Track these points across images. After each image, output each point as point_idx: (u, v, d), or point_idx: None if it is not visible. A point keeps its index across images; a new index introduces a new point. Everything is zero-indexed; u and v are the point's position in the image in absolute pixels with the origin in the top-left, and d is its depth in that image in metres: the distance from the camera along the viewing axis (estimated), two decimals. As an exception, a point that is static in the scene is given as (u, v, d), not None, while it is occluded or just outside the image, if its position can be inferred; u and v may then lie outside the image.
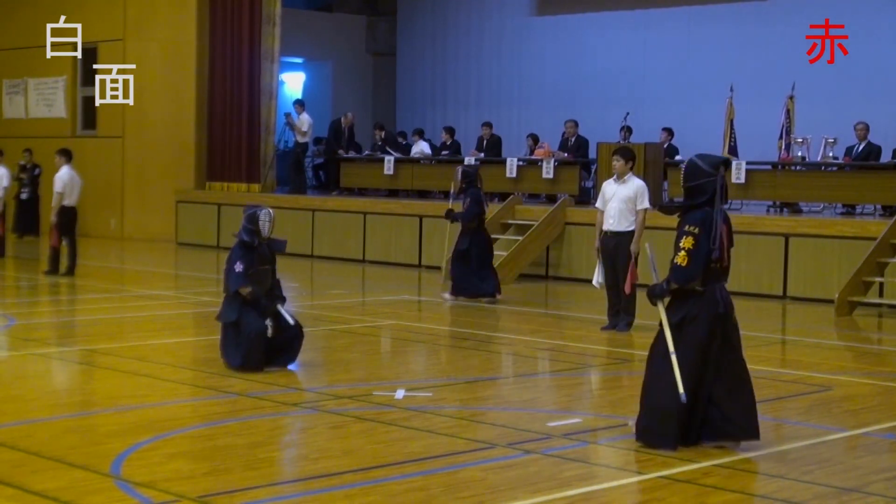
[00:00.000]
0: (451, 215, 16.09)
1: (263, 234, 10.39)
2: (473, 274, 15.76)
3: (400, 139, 24.76)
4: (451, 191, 16.62)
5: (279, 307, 10.34)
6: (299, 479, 7.08)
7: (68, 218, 17.62)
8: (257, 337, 10.09)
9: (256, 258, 10.31)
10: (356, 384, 9.93)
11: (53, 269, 17.62)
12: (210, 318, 14.07)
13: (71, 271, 17.50)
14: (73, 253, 17.66)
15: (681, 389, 7.43)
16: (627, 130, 20.84)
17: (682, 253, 7.58)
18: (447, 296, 15.90)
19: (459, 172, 16.27)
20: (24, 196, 24.12)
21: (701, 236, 7.51)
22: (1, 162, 20.34)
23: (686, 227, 7.60)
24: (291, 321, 10.32)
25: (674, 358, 7.50)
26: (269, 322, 10.21)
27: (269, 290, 10.42)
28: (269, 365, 10.23)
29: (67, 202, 17.52)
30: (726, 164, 7.79)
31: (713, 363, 7.62)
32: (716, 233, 7.50)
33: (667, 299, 7.78)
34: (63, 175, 17.67)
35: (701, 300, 7.64)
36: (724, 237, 7.56)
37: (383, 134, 24.21)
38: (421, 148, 23.44)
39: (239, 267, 10.16)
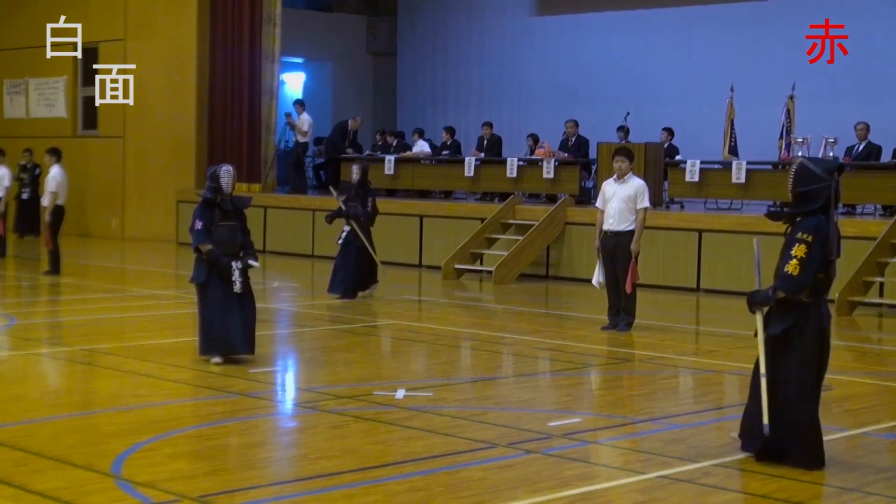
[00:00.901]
0: (348, 212, 15.43)
1: (225, 190, 10.59)
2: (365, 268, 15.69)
3: (398, 139, 24.77)
4: (336, 194, 16.01)
5: (249, 261, 10.61)
6: (299, 478, 7.08)
7: (60, 217, 17.75)
8: (210, 324, 10.55)
9: (219, 214, 10.58)
10: (356, 384, 9.93)
11: (54, 270, 17.64)
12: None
13: (57, 270, 17.63)
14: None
15: (765, 420, 7.13)
16: (625, 131, 20.87)
17: (794, 261, 7.17)
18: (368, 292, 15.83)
19: (360, 171, 15.71)
20: (24, 196, 24.12)
21: (814, 244, 7.15)
22: (2, 162, 20.35)
23: (799, 235, 7.17)
24: (239, 286, 10.49)
25: (763, 381, 7.19)
26: (237, 278, 10.50)
27: (241, 247, 10.66)
28: (229, 353, 10.54)
29: (59, 201, 17.64)
30: (840, 169, 7.32)
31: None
32: (832, 241, 7.16)
33: (766, 308, 7.44)
34: (57, 174, 17.79)
35: (807, 312, 7.35)
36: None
37: (395, 142, 24.18)
38: (421, 147, 23.44)
39: (198, 224, 10.55)
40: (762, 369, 7.23)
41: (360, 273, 15.67)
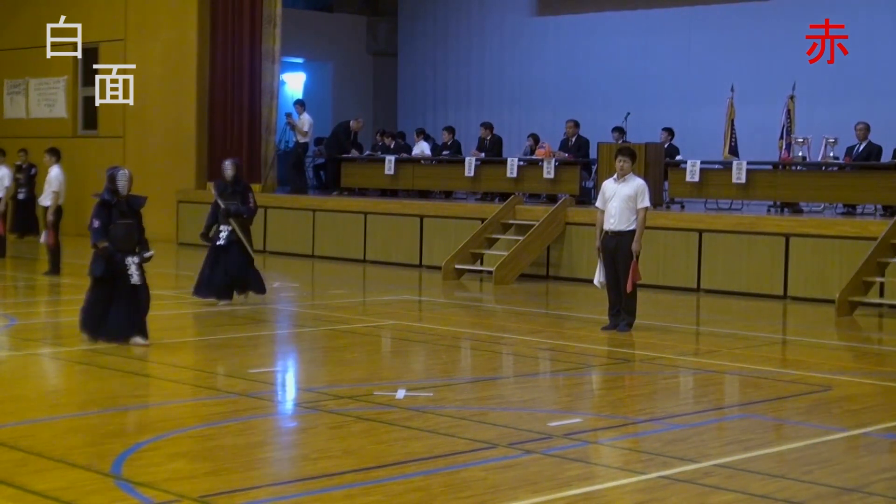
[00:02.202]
0: (229, 209, 14.53)
1: (121, 192, 11.39)
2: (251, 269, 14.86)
3: (399, 140, 24.77)
4: (216, 194, 14.94)
5: (145, 255, 11.48)
6: (300, 479, 7.08)
7: (59, 217, 17.86)
8: (92, 307, 11.36)
9: (116, 214, 11.34)
10: (357, 384, 9.93)
11: (54, 270, 17.66)
12: (210, 317, 14.10)
13: (57, 271, 17.73)
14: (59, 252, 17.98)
15: None
16: (620, 131, 20.88)
17: None
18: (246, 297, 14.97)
19: (233, 167, 14.81)
20: (21, 196, 24.10)
21: None
22: (2, 162, 20.35)
23: None
24: (136, 279, 11.27)
25: None
26: (133, 272, 11.27)
27: (137, 243, 11.50)
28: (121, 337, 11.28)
29: (59, 201, 17.76)
30: None
31: None
32: None
33: None
34: (58, 174, 17.93)
35: None
36: None
37: (393, 143, 24.19)
38: (422, 149, 23.46)
39: (96, 223, 11.26)
40: None
41: (242, 273, 14.67)
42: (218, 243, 14.57)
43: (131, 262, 11.27)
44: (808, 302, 16.15)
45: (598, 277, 13.03)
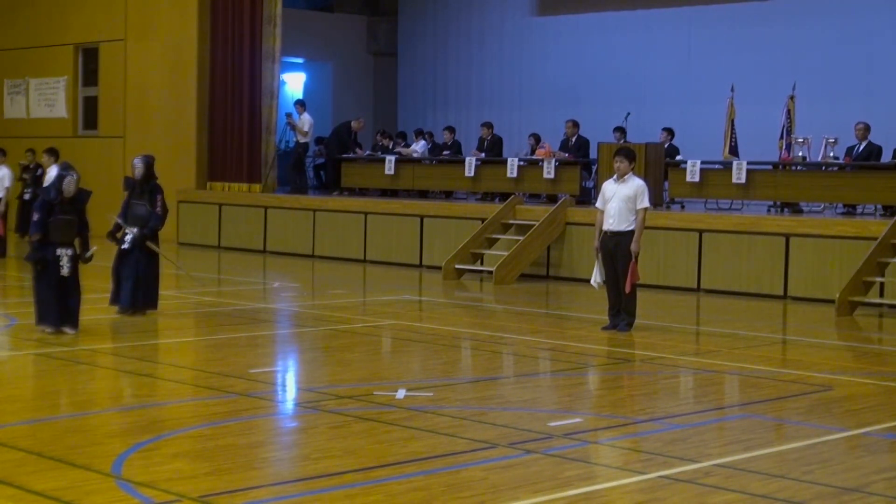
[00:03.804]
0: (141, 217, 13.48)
1: (66, 195, 11.94)
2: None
3: (400, 140, 24.78)
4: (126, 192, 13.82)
5: (87, 255, 12.20)
6: (300, 478, 7.08)
7: None
8: (46, 300, 12.01)
9: (58, 209, 11.93)
10: (357, 384, 9.93)
11: None
12: (210, 318, 14.11)
13: None
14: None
15: None
16: (621, 131, 20.89)
17: None
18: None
19: (143, 164, 13.64)
20: (27, 196, 24.08)
21: None
22: (3, 162, 20.34)
23: None
24: (66, 270, 11.91)
25: None
26: (64, 263, 11.91)
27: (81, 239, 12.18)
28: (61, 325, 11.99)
29: None
30: None
31: None
32: None
33: None
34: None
35: None
36: None
37: (391, 144, 24.18)
38: (416, 147, 23.45)
39: (35, 216, 11.94)
40: None
41: (152, 284, 13.64)
42: (123, 246, 13.57)
43: (64, 253, 11.91)
44: (808, 302, 16.15)
45: (596, 278, 13.04)
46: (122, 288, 13.54)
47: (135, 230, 13.49)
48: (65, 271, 11.94)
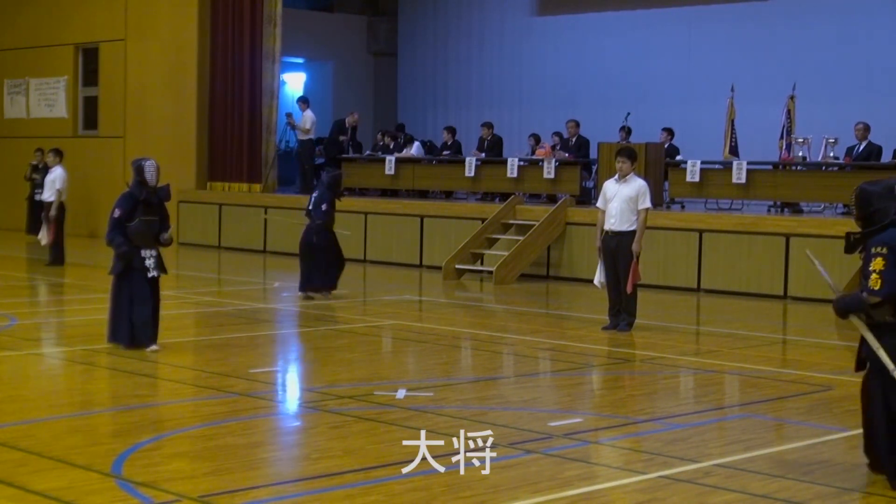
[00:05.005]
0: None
1: (150, 183, 11.12)
2: None
3: (401, 134, 24.73)
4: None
5: (153, 252, 11.05)
6: (300, 478, 7.08)
7: (63, 213, 18.81)
8: (144, 322, 10.99)
9: (141, 208, 11.04)
10: (357, 384, 9.93)
11: (58, 260, 18.47)
12: (210, 318, 14.11)
13: (61, 262, 18.70)
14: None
15: None
16: (627, 131, 20.89)
17: (874, 276, 6.99)
18: None
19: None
20: (38, 197, 23.99)
21: (889, 256, 6.93)
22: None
23: (873, 250, 7.02)
24: (155, 272, 11.00)
25: None
26: (151, 265, 11.00)
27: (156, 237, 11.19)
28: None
29: (62, 199, 18.70)
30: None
31: None
32: None
33: (863, 316, 7.18)
34: (62, 173, 18.75)
35: (893, 334, 7.00)
36: None
37: (392, 144, 24.15)
38: (412, 151, 23.43)
39: (117, 213, 11.01)
40: (890, 365, 6.85)
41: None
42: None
43: (149, 255, 11.07)
44: (808, 302, 16.15)
45: (598, 277, 13.04)
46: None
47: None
48: (153, 272, 11.04)
